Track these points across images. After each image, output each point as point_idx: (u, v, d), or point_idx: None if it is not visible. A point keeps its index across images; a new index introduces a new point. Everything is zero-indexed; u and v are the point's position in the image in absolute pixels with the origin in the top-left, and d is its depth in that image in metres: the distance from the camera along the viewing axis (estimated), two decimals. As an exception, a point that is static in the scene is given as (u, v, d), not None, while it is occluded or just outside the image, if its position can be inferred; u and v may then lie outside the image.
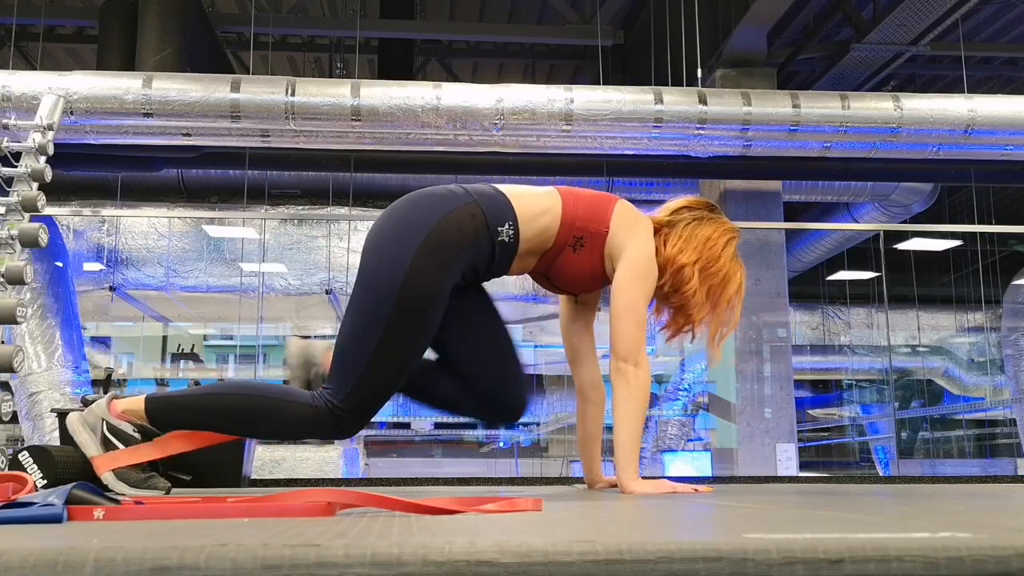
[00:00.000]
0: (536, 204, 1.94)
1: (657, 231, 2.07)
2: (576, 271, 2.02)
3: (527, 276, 2.13)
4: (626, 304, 1.96)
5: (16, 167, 2.55)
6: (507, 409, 2.08)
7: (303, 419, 1.84)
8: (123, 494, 1.82)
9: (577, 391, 2.26)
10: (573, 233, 1.96)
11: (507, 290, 7.08)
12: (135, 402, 1.90)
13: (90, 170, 6.66)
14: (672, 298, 2.05)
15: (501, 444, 12.75)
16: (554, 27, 7.96)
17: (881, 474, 10.82)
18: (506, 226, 1.89)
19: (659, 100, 5.49)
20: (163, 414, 1.90)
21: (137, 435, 1.88)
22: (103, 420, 1.89)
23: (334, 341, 1.92)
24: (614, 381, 1.98)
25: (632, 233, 1.99)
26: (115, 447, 1.87)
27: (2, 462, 2.17)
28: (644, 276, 1.98)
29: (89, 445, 1.87)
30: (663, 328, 2.15)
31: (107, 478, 1.84)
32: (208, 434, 1.95)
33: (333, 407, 1.82)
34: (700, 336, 2.12)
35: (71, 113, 5.12)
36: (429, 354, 2.02)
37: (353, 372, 1.82)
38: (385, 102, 5.35)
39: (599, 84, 6.25)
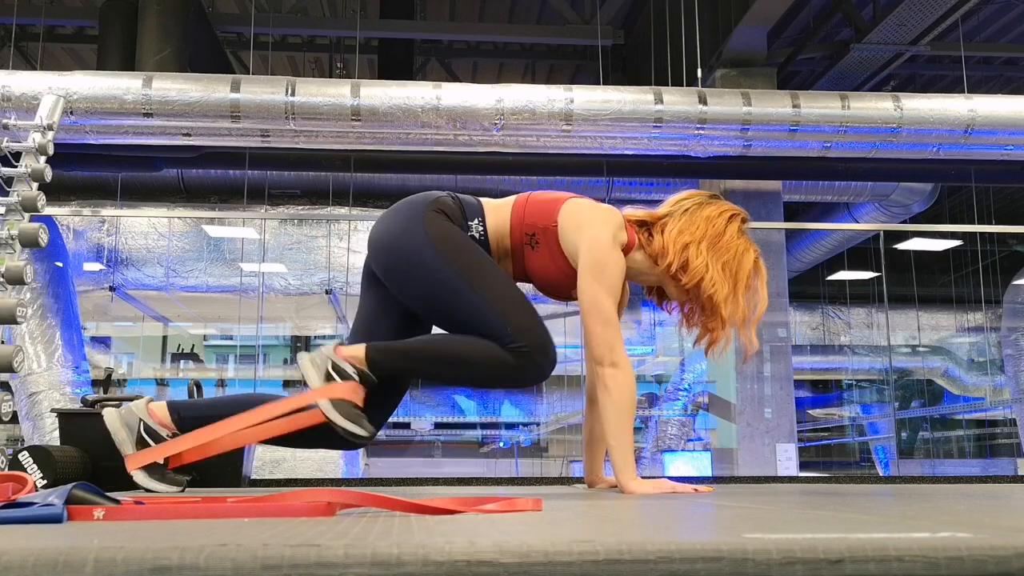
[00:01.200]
0: (498, 209, 2.04)
1: (653, 224, 2.07)
2: (544, 270, 2.03)
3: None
4: (589, 304, 1.94)
5: (16, 167, 2.55)
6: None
7: (509, 366, 1.86)
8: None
9: (587, 392, 2.26)
10: (524, 231, 2.01)
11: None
12: (357, 349, 1.92)
13: (90, 170, 6.66)
14: (683, 279, 2.00)
15: (501, 444, 12.76)
16: (554, 27, 7.96)
17: (881, 474, 10.83)
18: (475, 221, 2.00)
19: (659, 100, 5.49)
20: (383, 362, 1.92)
21: (356, 376, 1.91)
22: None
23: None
24: (596, 387, 1.96)
25: (582, 230, 1.97)
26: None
27: (2, 462, 2.17)
28: (601, 270, 1.94)
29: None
30: (699, 340, 2.07)
31: (324, 405, 1.85)
32: (223, 440, 1.96)
33: (515, 347, 1.85)
34: (726, 321, 2.01)
35: (71, 113, 5.12)
36: None
37: (491, 318, 1.86)
38: (385, 102, 5.35)
39: (599, 84, 6.25)
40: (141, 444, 1.92)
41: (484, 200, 2.06)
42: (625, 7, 7.93)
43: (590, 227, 1.97)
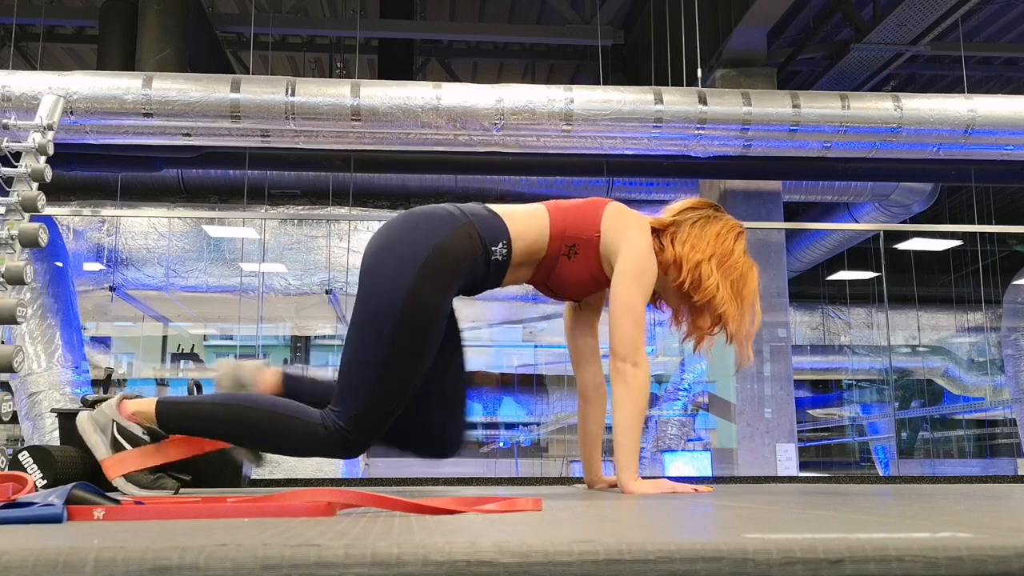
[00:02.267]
0: (526, 221, 1.99)
1: (662, 231, 2.08)
2: (575, 277, 2.04)
3: None
4: (624, 304, 1.96)
5: (16, 167, 2.55)
6: (440, 443, 2.11)
7: (312, 438, 1.86)
8: (134, 496, 1.83)
9: (579, 391, 2.26)
10: (564, 242, 2.00)
11: (507, 290, 7.08)
12: (146, 404, 1.90)
13: (90, 170, 6.66)
14: (695, 296, 2.03)
15: (501, 444, 12.75)
16: (554, 27, 7.96)
17: (881, 474, 10.82)
18: (500, 245, 1.94)
19: (659, 100, 5.49)
20: (174, 419, 1.90)
21: (146, 437, 1.88)
22: (113, 421, 1.89)
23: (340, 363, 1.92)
24: (613, 381, 1.98)
25: (624, 233, 1.99)
26: (124, 449, 1.89)
27: (2, 462, 2.17)
28: (640, 274, 1.97)
29: (100, 447, 1.88)
30: (687, 338, 2.12)
31: (118, 483, 1.85)
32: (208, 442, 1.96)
33: (340, 428, 1.84)
34: (721, 336, 2.08)
35: (71, 113, 5.11)
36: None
37: (358, 395, 1.85)
38: (385, 102, 5.35)
39: (599, 84, 6.25)
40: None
41: (505, 214, 1.99)
42: (625, 7, 7.93)
43: (630, 231, 2.00)
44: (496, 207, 2.02)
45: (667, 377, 9.85)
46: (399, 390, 1.87)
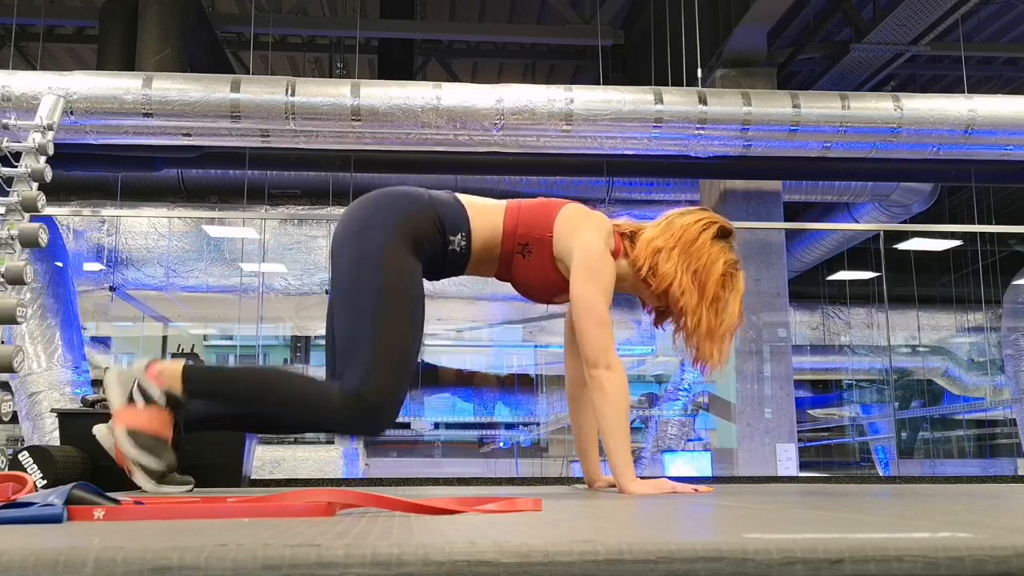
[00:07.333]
0: (486, 216, 2.01)
1: (636, 233, 2.07)
2: (532, 277, 2.04)
3: None
4: (583, 307, 1.94)
5: (16, 167, 2.55)
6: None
7: (333, 409, 1.85)
8: (157, 492, 1.85)
9: (567, 392, 2.26)
10: (517, 240, 2.00)
11: (508, 290, 7.08)
12: (173, 365, 1.93)
13: (90, 170, 6.66)
14: (652, 284, 2.00)
15: (501, 444, 12.75)
16: (554, 27, 7.96)
17: (881, 474, 10.82)
18: (459, 236, 1.97)
19: (659, 100, 5.49)
20: (198, 381, 1.92)
21: (162, 400, 1.89)
22: (135, 379, 1.92)
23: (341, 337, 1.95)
24: (590, 389, 1.95)
25: (576, 234, 1.97)
26: (135, 402, 1.92)
27: (2, 462, 2.17)
28: (596, 273, 1.95)
29: (117, 398, 1.92)
30: (695, 363, 2.05)
31: (119, 434, 1.85)
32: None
33: (358, 395, 1.82)
34: (691, 331, 2.00)
35: (71, 113, 5.11)
36: None
37: (362, 356, 1.84)
38: (385, 102, 5.35)
39: (599, 84, 6.25)
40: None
41: (470, 204, 2.02)
42: (625, 7, 7.93)
43: (583, 232, 1.98)
44: (464, 197, 2.04)
45: (667, 377, 9.86)
46: (402, 343, 1.87)
